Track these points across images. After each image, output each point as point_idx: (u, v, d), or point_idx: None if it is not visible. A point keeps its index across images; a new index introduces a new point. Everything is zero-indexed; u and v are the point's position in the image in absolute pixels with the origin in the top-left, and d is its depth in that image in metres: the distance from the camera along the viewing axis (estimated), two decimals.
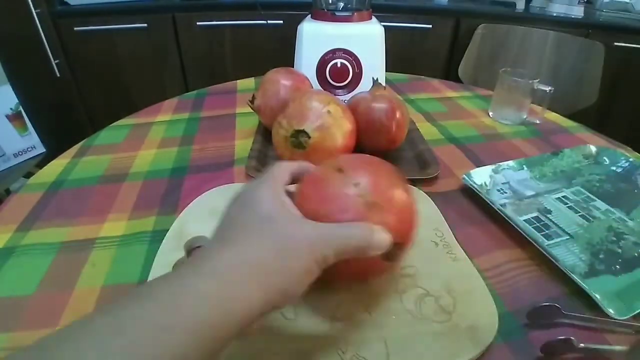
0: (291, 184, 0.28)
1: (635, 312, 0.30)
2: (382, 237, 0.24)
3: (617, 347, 0.28)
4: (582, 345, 0.27)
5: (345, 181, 0.27)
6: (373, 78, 0.50)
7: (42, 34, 1.19)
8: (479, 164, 0.51)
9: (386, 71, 0.63)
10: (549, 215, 0.41)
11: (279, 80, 0.51)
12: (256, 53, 1.39)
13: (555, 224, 0.40)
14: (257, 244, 0.22)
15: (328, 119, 0.42)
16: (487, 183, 0.46)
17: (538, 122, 0.63)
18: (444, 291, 0.31)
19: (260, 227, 0.22)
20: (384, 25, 0.60)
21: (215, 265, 0.20)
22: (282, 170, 0.27)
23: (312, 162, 0.43)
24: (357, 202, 0.26)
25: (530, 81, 0.60)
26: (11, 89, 1.14)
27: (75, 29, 1.24)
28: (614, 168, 0.50)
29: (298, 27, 0.59)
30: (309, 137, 0.41)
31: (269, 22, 1.30)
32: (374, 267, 0.29)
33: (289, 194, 0.26)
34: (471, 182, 0.45)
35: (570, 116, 0.67)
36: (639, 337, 0.29)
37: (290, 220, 0.23)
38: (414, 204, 0.29)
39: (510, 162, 0.49)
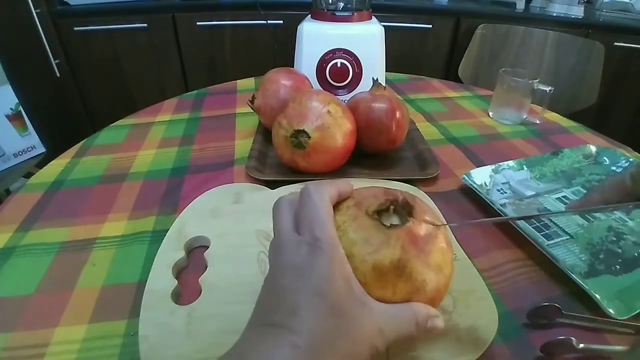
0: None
1: (635, 312, 0.30)
2: (437, 325, 0.23)
3: (617, 347, 0.28)
4: (582, 345, 0.27)
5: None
6: (373, 78, 0.50)
7: (42, 34, 1.19)
8: (479, 164, 0.51)
9: (386, 71, 0.63)
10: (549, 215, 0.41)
11: (279, 80, 0.51)
12: (256, 53, 1.39)
13: (555, 224, 0.40)
14: (328, 352, 0.19)
15: (328, 119, 0.42)
16: (487, 183, 0.46)
17: (538, 122, 0.63)
18: None
19: (330, 326, 0.20)
20: (384, 25, 0.60)
21: None
22: (326, 212, 0.23)
23: (312, 162, 0.44)
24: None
25: (530, 81, 0.60)
26: (11, 89, 1.14)
27: (75, 29, 1.24)
28: (614, 168, 0.50)
29: (298, 27, 0.59)
30: (309, 137, 0.41)
31: (269, 22, 1.30)
32: None
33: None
34: (471, 182, 0.45)
35: (570, 116, 0.67)
36: (638, 337, 0.29)
37: (356, 310, 0.21)
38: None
39: (510, 162, 0.49)
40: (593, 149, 0.53)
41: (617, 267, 0.35)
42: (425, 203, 0.27)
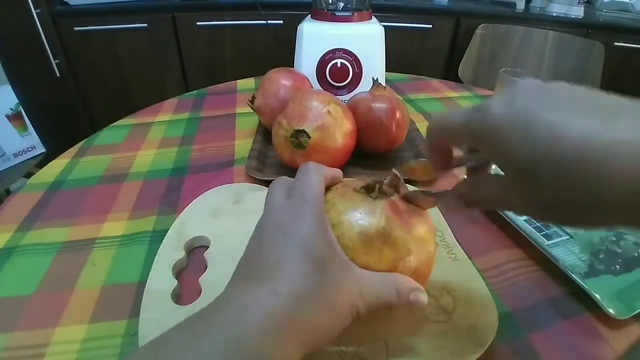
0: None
1: (635, 312, 0.30)
2: (420, 300, 0.23)
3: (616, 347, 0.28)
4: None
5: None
6: (373, 78, 0.50)
7: (42, 34, 1.19)
8: None
9: (386, 71, 0.63)
10: None
11: (279, 80, 0.51)
12: (256, 53, 1.39)
13: None
14: (308, 300, 0.20)
15: (328, 119, 0.42)
16: None
17: None
18: (444, 291, 0.31)
19: (312, 277, 0.20)
20: (384, 25, 0.60)
21: (255, 319, 0.18)
22: (320, 184, 0.24)
23: (312, 162, 0.44)
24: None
25: None
26: (11, 89, 1.14)
27: (75, 29, 1.24)
28: None
29: (298, 27, 0.59)
30: (309, 137, 0.41)
31: (269, 22, 1.30)
32: None
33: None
34: None
35: None
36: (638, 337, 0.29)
37: (338, 268, 0.22)
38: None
39: None
40: None
41: (617, 267, 0.35)
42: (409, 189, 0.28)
